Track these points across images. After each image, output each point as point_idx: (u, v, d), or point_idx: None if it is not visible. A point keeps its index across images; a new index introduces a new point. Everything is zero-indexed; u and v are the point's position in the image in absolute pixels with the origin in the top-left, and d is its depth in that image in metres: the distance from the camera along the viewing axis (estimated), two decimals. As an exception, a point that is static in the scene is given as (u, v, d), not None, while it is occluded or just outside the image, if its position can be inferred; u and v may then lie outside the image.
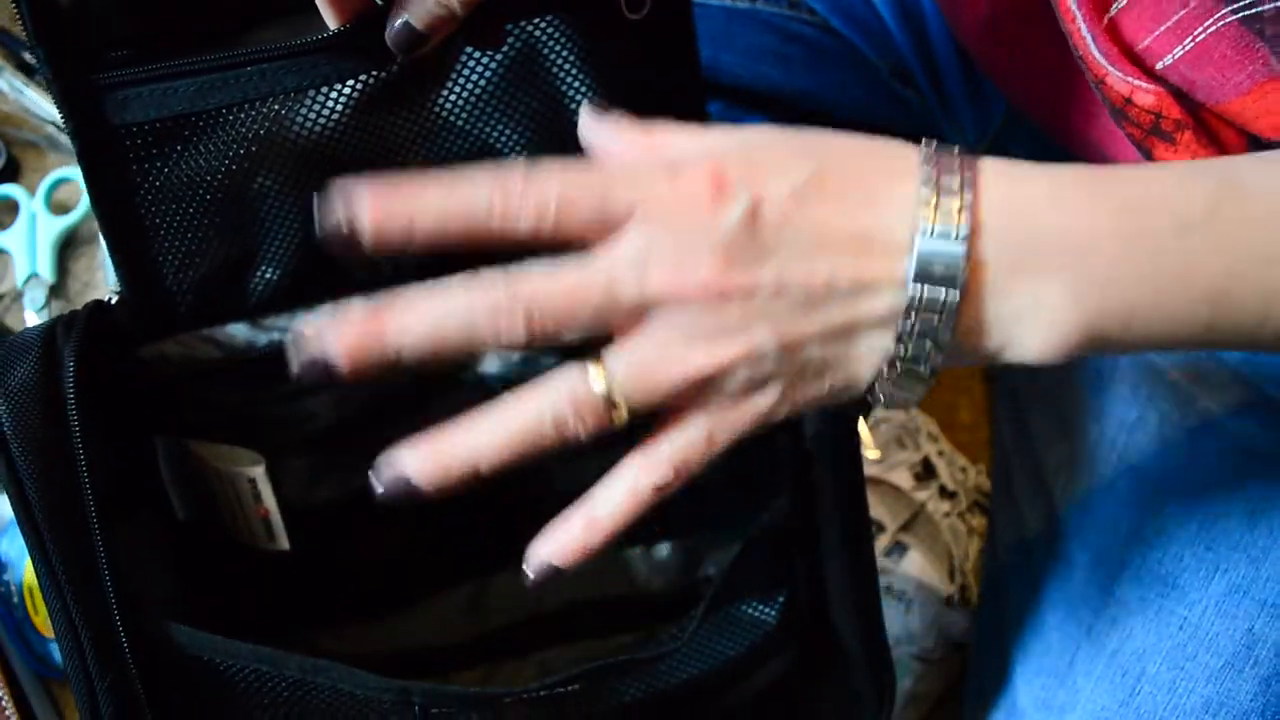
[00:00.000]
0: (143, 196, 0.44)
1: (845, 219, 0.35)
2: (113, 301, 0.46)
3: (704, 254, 0.34)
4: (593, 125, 0.39)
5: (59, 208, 0.72)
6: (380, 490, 0.36)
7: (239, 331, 0.48)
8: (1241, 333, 0.37)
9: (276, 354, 0.47)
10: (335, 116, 0.44)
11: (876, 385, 0.37)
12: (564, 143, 0.47)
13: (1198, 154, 0.44)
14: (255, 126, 0.44)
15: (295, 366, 0.35)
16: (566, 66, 0.46)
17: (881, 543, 0.72)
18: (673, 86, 0.47)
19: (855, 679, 0.51)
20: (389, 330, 0.35)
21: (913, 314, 0.35)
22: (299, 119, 0.44)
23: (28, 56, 0.74)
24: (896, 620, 0.70)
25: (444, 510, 0.46)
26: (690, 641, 0.48)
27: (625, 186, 0.35)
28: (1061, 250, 0.35)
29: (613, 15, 0.44)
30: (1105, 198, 0.36)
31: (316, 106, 0.44)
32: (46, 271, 0.71)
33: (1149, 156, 0.45)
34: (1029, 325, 0.36)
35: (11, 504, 0.42)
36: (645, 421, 0.37)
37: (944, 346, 0.35)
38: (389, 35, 0.40)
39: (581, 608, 0.56)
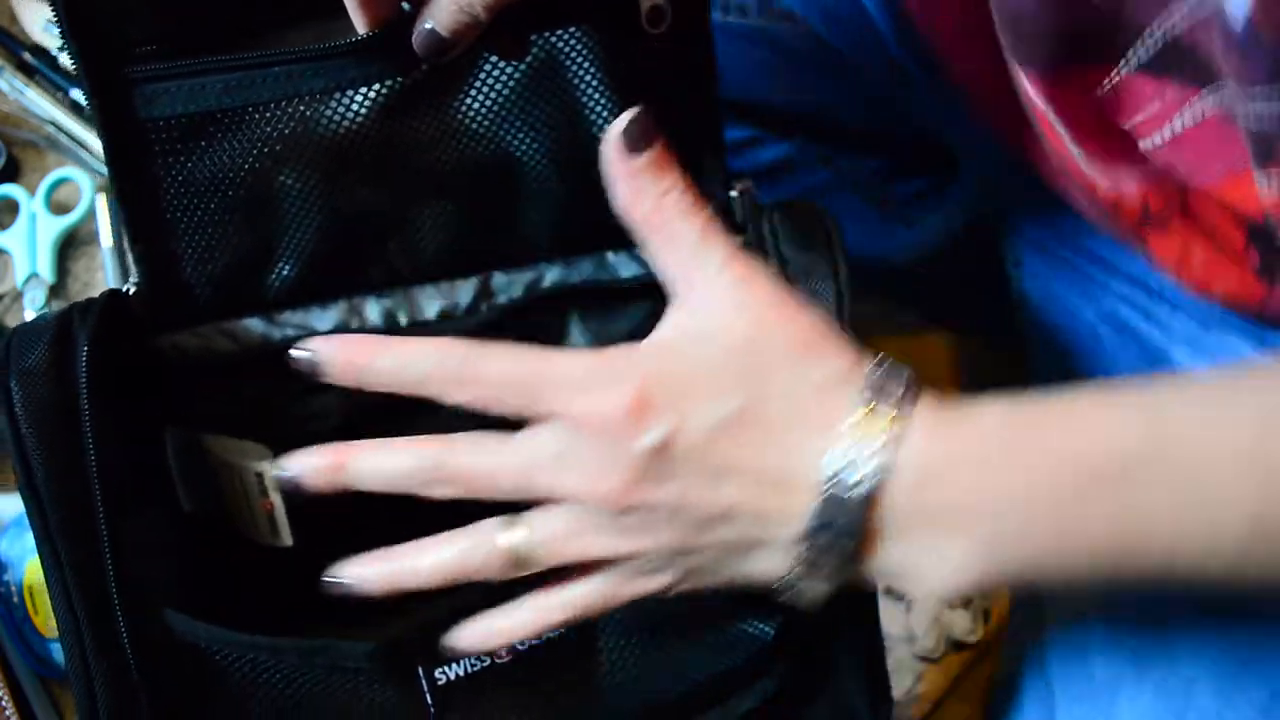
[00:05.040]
0: (166, 190, 0.45)
1: (759, 457, 0.38)
2: (129, 292, 0.47)
3: (613, 470, 0.38)
4: (614, 151, 0.42)
5: (59, 208, 0.72)
6: (332, 588, 0.43)
7: (254, 326, 0.48)
8: (1145, 579, 0.38)
9: (287, 347, 0.48)
10: (358, 119, 0.45)
11: (777, 588, 0.40)
12: (583, 152, 0.48)
13: (1189, 241, 0.44)
14: (280, 126, 0.45)
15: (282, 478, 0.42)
16: (587, 78, 0.46)
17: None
18: (690, 100, 0.48)
19: (850, 695, 0.51)
20: (348, 471, 0.42)
21: (808, 548, 0.38)
22: (323, 120, 0.45)
23: (28, 57, 0.74)
24: (898, 620, 0.70)
25: (448, 512, 0.48)
26: (686, 656, 0.49)
27: (553, 394, 0.39)
28: (969, 513, 0.37)
29: (634, 29, 0.46)
30: (1024, 453, 0.37)
31: (340, 108, 0.45)
32: (46, 271, 0.71)
33: (1145, 246, 0.45)
34: (929, 569, 0.38)
35: (19, 485, 0.42)
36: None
37: (839, 576, 0.38)
38: (415, 40, 0.41)
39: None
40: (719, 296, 0.40)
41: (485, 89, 0.46)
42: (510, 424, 0.41)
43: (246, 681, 0.45)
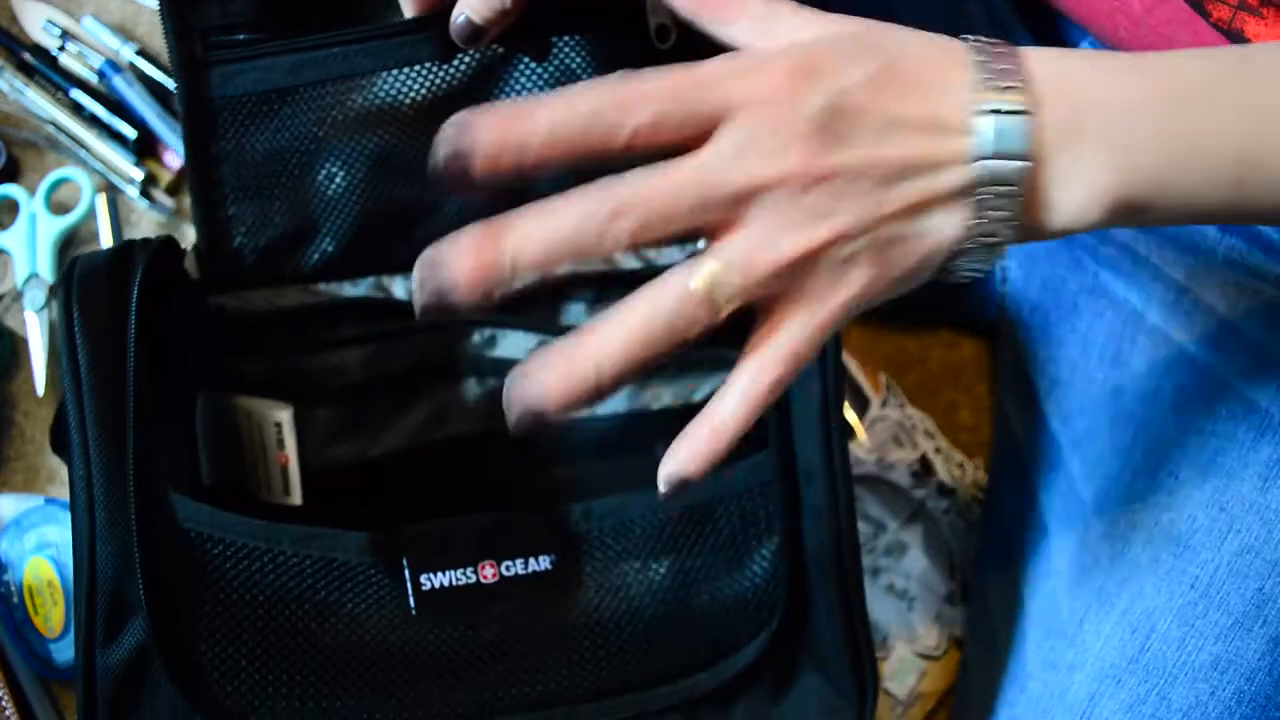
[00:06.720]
0: (229, 163, 0.51)
1: (917, 105, 0.38)
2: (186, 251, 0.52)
3: (794, 141, 0.36)
4: None
5: (59, 208, 0.72)
6: (513, 425, 0.36)
7: (291, 293, 0.54)
8: (1273, 195, 0.40)
9: (317, 308, 0.54)
10: (400, 100, 0.51)
11: (953, 259, 0.39)
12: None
13: None
14: (332, 102, 0.51)
15: (420, 298, 0.36)
16: None
17: (882, 542, 0.72)
18: None
19: (835, 676, 0.52)
20: (505, 250, 0.35)
21: (986, 186, 0.38)
22: (369, 100, 0.51)
23: (28, 57, 0.74)
24: (899, 618, 0.70)
25: (461, 482, 0.49)
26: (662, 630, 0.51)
27: (715, 87, 0.36)
28: (1099, 120, 0.39)
29: (644, 45, 0.51)
30: (1134, 72, 0.39)
31: (385, 88, 0.50)
32: (46, 271, 0.71)
33: (1240, 39, 0.47)
34: (1070, 190, 0.39)
35: (63, 374, 0.47)
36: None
37: (1016, 216, 0.38)
38: (452, 28, 0.46)
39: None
40: (806, 22, 0.40)
41: (511, 92, 0.52)
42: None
43: (239, 577, 0.47)
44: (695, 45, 0.49)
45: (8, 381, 0.70)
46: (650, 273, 0.50)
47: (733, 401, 0.38)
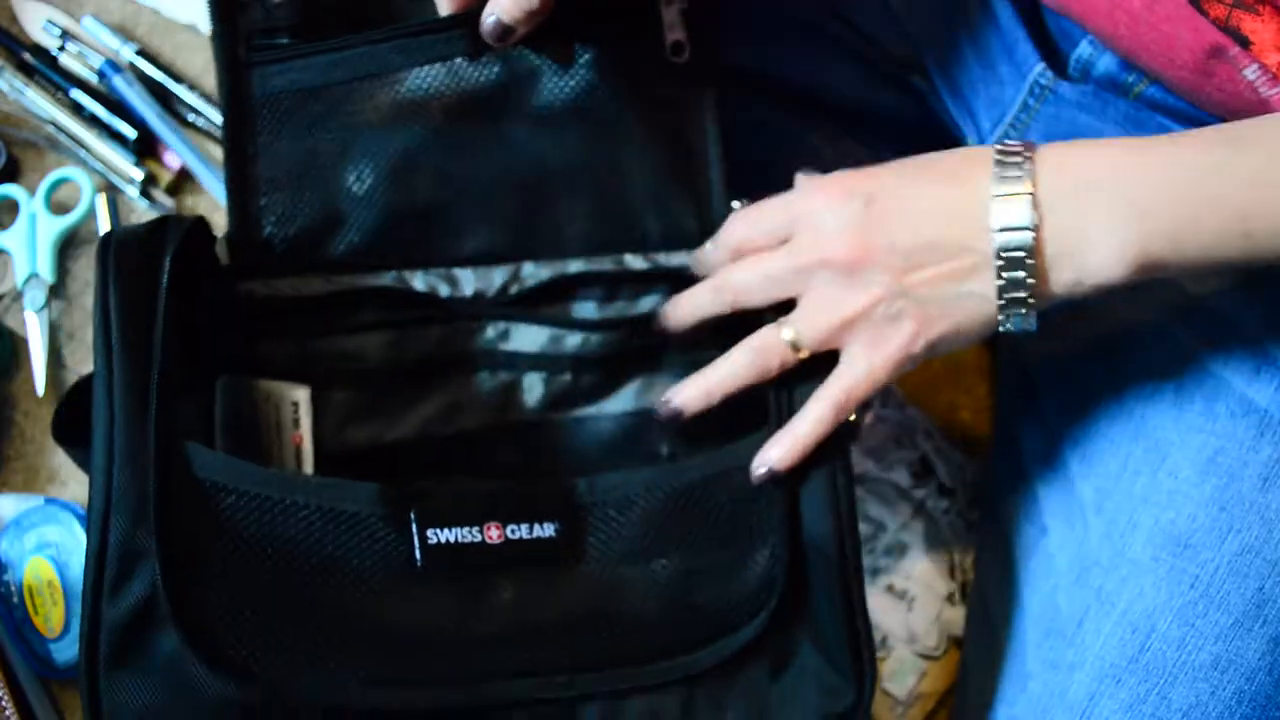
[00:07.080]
0: (265, 157, 0.54)
1: (939, 201, 0.50)
2: (219, 237, 0.55)
3: (837, 235, 0.50)
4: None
5: (59, 208, 0.72)
6: (660, 416, 0.54)
7: (315, 282, 0.56)
8: (1276, 246, 0.47)
9: (341, 295, 0.56)
10: (428, 101, 0.54)
11: (998, 319, 0.50)
12: (610, 165, 0.57)
13: None
14: (363, 98, 0.54)
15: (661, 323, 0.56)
16: (616, 100, 0.56)
17: (882, 542, 0.72)
18: (702, 122, 0.57)
19: (834, 656, 0.52)
20: (687, 305, 0.55)
21: (1001, 257, 0.48)
22: (397, 96, 0.54)
23: (28, 57, 0.74)
24: (899, 620, 0.70)
25: (464, 460, 0.55)
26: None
27: (791, 217, 0.52)
28: (1112, 192, 0.47)
29: (659, 58, 0.56)
30: (1142, 150, 0.48)
31: (416, 84, 0.54)
32: (46, 271, 0.71)
33: (1238, 36, 0.50)
34: (1097, 252, 0.48)
35: (95, 335, 0.49)
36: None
37: (1035, 277, 0.48)
38: (482, 27, 0.50)
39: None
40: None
41: (532, 104, 0.55)
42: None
43: (250, 528, 0.48)
44: (707, 61, 0.56)
45: (8, 381, 0.70)
46: (656, 273, 0.57)
47: (804, 423, 0.51)
